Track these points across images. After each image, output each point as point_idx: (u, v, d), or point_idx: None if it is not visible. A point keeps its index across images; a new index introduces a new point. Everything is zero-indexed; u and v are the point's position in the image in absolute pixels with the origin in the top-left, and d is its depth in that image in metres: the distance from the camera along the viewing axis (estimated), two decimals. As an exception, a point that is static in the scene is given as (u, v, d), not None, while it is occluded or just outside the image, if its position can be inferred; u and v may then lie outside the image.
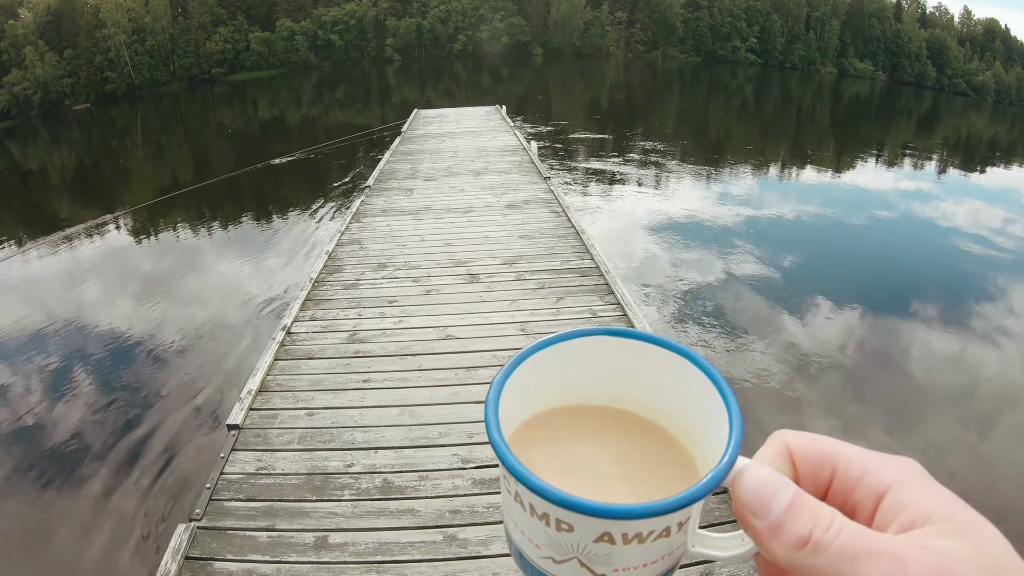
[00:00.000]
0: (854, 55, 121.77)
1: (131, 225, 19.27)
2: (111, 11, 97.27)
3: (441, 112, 28.13)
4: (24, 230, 21.73)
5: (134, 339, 11.18)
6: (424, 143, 19.36)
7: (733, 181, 23.44)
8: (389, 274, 8.86)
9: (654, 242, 15.09)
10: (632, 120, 40.57)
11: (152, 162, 36.46)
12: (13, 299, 13.75)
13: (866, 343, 10.89)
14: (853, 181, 24.96)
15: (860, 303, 12.21)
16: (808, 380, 9.42)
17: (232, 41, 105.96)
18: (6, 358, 10.87)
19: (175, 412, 8.63)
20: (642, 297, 11.73)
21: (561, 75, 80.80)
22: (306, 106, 61.75)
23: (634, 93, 62.91)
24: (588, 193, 19.37)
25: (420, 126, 23.51)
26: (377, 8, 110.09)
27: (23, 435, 8.68)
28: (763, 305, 12.04)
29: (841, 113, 59.90)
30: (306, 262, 13.32)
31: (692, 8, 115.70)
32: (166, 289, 13.55)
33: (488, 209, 11.80)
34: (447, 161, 16.40)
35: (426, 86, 73.77)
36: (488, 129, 21.76)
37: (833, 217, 19.43)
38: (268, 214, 19.02)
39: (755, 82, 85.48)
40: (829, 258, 15.58)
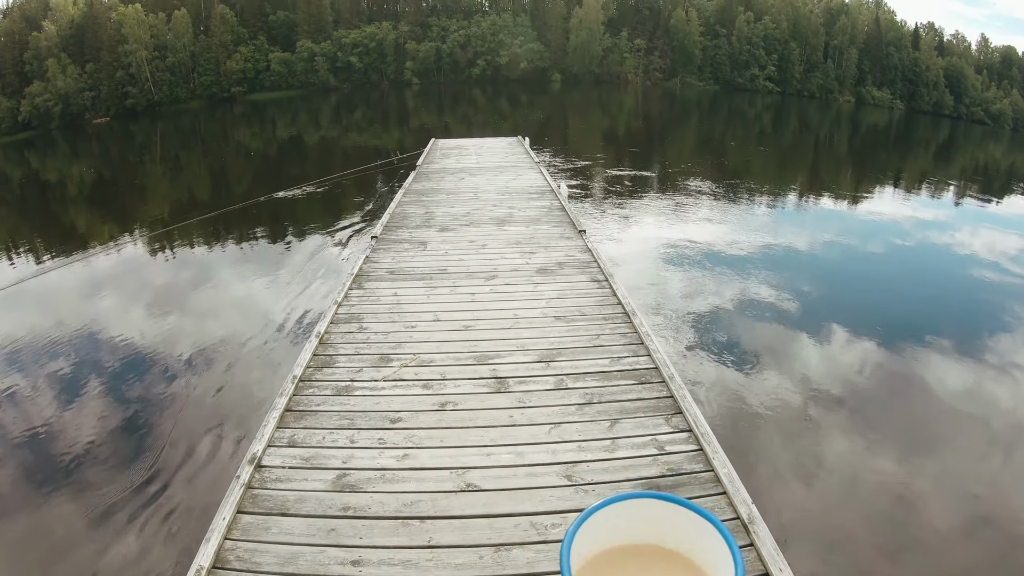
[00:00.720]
0: (872, 83, 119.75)
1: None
2: (133, 27, 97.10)
3: (460, 143, 26.16)
4: (38, 242, 22.01)
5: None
6: (441, 180, 17.40)
7: (778, 215, 22.40)
8: (393, 373, 6.82)
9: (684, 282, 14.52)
10: (655, 150, 38.74)
11: (169, 179, 35.88)
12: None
13: (885, 371, 10.86)
14: (872, 210, 24.81)
15: (885, 331, 12.20)
16: (825, 407, 9.55)
17: (253, 61, 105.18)
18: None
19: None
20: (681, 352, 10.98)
21: (580, 102, 79.24)
22: (325, 127, 60.90)
23: (655, 122, 61.08)
24: (622, 239, 17.42)
25: (437, 159, 21.61)
26: (397, 31, 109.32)
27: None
28: (786, 333, 12.18)
29: (859, 142, 58.25)
30: (292, 347, 11.09)
31: (711, 36, 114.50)
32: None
33: (515, 274, 9.74)
34: (466, 204, 14.41)
35: (444, 110, 72.32)
36: (511, 164, 19.82)
37: (858, 246, 19.35)
38: (257, 265, 16.57)
39: (774, 110, 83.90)
40: (854, 287, 15.59)
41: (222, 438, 8.83)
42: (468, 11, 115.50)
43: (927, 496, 7.72)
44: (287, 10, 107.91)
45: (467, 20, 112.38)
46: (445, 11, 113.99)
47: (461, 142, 26.57)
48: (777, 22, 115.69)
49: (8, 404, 10.08)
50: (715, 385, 9.95)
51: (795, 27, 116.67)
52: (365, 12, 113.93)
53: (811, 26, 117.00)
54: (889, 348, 11.62)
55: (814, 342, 11.75)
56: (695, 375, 10.13)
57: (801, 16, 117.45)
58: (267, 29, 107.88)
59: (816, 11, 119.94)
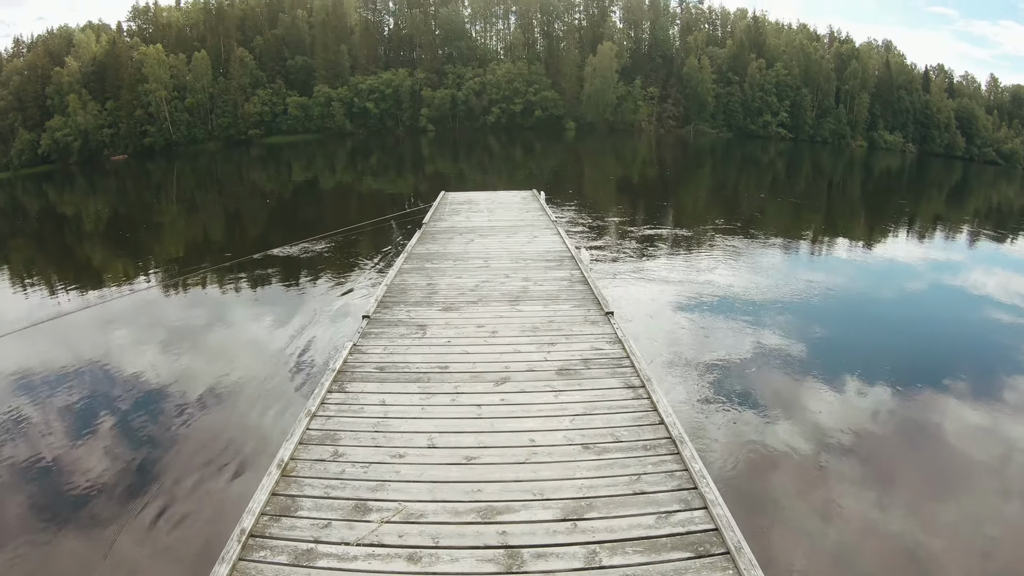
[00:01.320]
0: (884, 128, 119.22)
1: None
2: (154, 67, 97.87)
3: (471, 197, 24.39)
4: (52, 277, 22.02)
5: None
6: (448, 242, 15.61)
7: (805, 265, 21.52)
8: (370, 532, 4.99)
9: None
10: (672, 201, 37.04)
11: (181, 221, 35.31)
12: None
13: (900, 416, 10.64)
14: (885, 254, 24.58)
15: (898, 375, 11.97)
16: (840, 453, 9.32)
17: (270, 104, 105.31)
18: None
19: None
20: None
21: (595, 150, 77.96)
22: (340, 172, 60.28)
23: (670, 170, 59.62)
24: (647, 309, 15.29)
25: (446, 215, 19.88)
26: (413, 78, 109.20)
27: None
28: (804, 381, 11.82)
29: (872, 186, 57.33)
30: (248, 479, 8.48)
31: (723, 83, 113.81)
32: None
33: (532, 376, 7.78)
34: (475, 275, 12.54)
35: (459, 157, 71.43)
36: (526, 223, 18.03)
37: (873, 291, 19.08)
38: (228, 346, 14.10)
39: (787, 157, 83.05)
40: (871, 332, 15.12)
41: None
42: (483, 59, 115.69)
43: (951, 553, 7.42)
44: (305, 55, 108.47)
45: (482, 68, 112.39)
46: (461, 59, 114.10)
47: (472, 195, 24.88)
48: (789, 68, 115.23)
49: (15, 433, 10.35)
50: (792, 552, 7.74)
51: (807, 73, 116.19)
52: (382, 59, 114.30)
53: (822, 71, 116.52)
54: (903, 390, 11.43)
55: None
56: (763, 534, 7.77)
57: (812, 62, 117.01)
58: (285, 73, 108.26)
59: (827, 56, 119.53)
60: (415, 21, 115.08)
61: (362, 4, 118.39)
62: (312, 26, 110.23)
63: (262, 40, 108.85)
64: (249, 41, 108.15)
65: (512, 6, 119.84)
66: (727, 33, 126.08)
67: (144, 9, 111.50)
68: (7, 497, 8.67)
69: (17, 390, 11.99)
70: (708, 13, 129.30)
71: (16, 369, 12.83)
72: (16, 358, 13.26)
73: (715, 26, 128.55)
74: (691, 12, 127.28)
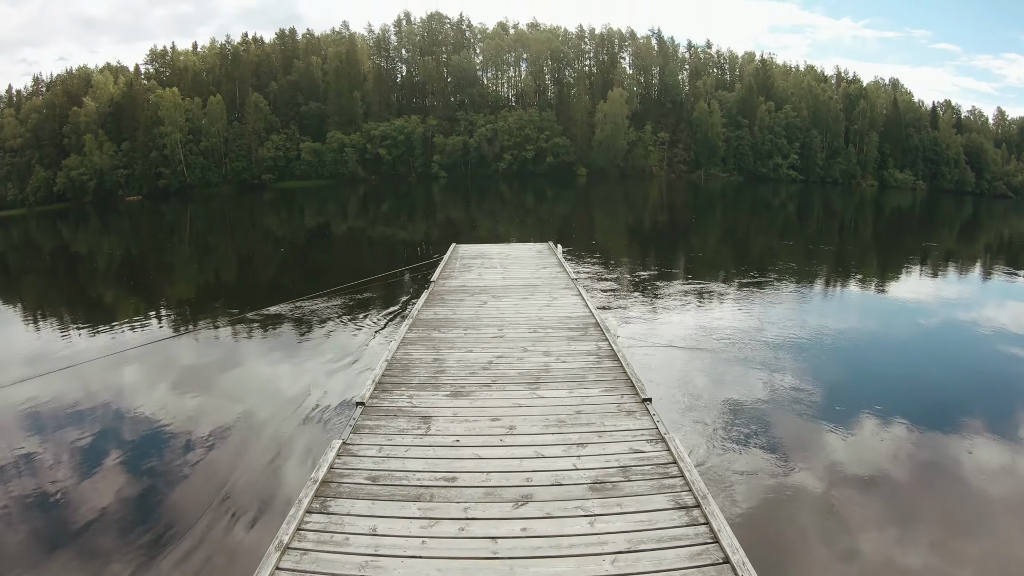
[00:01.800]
0: (894, 166, 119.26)
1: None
2: (170, 110, 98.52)
3: (483, 250, 22.88)
4: (63, 315, 22.27)
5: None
6: (458, 305, 14.09)
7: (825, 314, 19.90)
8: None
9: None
10: (690, 249, 35.45)
11: (191, 268, 34.09)
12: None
13: (918, 456, 10.22)
14: (898, 293, 24.32)
15: (913, 414, 11.54)
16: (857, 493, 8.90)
17: (284, 149, 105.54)
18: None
19: None
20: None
21: (607, 196, 76.97)
22: (352, 217, 59.67)
23: (684, 216, 58.05)
24: (698, 398, 12.80)
25: (456, 271, 18.45)
26: (425, 125, 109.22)
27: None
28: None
29: (884, 226, 56.45)
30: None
31: (733, 127, 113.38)
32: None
33: (560, 494, 6.16)
34: (488, 347, 10.92)
35: (471, 204, 70.44)
36: (543, 282, 16.57)
37: (889, 330, 18.60)
38: (197, 431, 11.38)
39: (798, 199, 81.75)
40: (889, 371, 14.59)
41: None
42: (495, 106, 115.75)
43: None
44: (319, 101, 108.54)
45: (494, 115, 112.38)
46: (473, 106, 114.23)
47: (484, 248, 23.40)
48: (798, 110, 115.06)
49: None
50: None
51: (815, 114, 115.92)
52: (394, 105, 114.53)
53: (831, 112, 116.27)
54: (918, 430, 11.03)
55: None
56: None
57: (821, 103, 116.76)
58: (299, 119, 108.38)
59: (835, 97, 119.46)
60: (427, 68, 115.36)
61: (375, 51, 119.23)
62: (326, 72, 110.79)
63: (276, 85, 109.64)
64: (264, 86, 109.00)
65: (523, 53, 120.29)
66: (735, 77, 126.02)
67: (161, 52, 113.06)
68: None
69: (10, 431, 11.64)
70: (716, 57, 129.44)
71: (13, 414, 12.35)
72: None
73: (723, 70, 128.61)
74: (699, 57, 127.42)
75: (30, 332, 19.89)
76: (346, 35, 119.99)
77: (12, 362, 15.81)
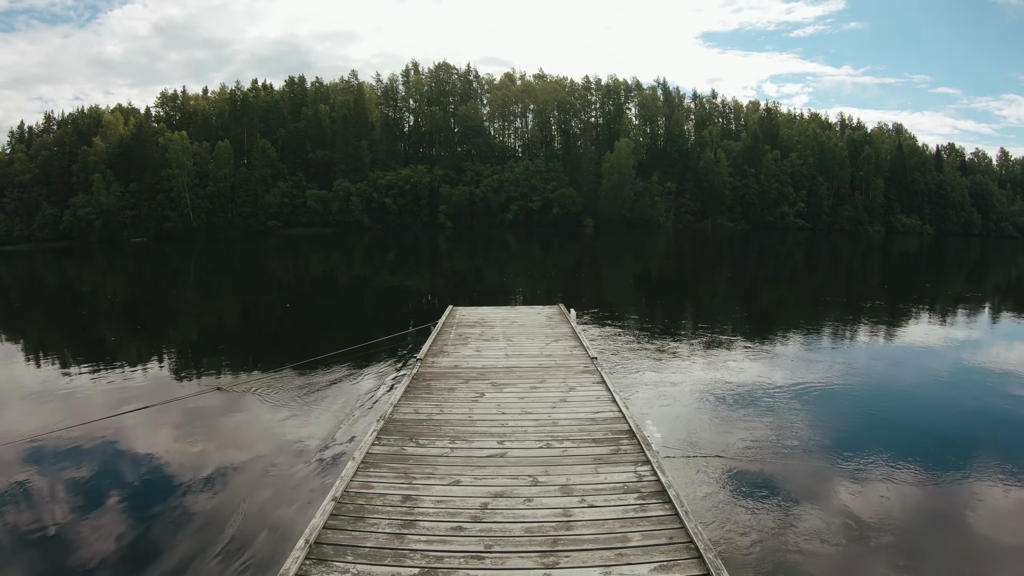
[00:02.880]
0: (900, 211, 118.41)
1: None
2: (178, 153, 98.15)
3: (483, 316, 19.04)
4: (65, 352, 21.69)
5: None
6: (447, 398, 10.43)
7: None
8: None
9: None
10: (710, 306, 31.96)
11: (199, 305, 35.01)
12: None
13: (933, 503, 9.38)
14: (908, 339, 23.05)
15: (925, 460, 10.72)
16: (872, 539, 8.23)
17: (290, 196, 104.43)
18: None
19: None
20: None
21: (614, 247, 73.70)
22: (357, 266, 57.42)
23: (697, 267, 54.59)
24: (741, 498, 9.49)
25: (450, 345, 14.83)
26: (432, 175, 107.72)
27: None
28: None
29: (891, 271, 54.03)
30: None
31: (739, 176, 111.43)
32: None
33: None
34: (481, 478, 7.33)
35: (476, 254, 67.60)
36: (556, 362, 12.89)
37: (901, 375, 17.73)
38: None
39: (812, 247, 79.60)
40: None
41: None
42: (501, 156, 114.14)
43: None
44: (326, 148, 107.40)
45: (500, 165, 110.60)
46: (479, 156, 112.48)
47: (485, 313, 19.64)
48: (803, 158, 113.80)
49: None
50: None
51: (821, 161, 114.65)
52: (401, 154, 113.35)
53: (837, 159, 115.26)
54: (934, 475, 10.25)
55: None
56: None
57: (826, 150, 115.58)
58: (306, 166, 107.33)
59: (840, 144, 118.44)
60: (434, 118, 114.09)
61: (383, 101, 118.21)
62: (334, 120, 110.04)
63: (284, 132, 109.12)
64: (272, 132, 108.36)
65: (530, 104, 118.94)
66: (741, 126, 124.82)
67: (172, 96, 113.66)
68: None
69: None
70: (721, 107, 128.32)
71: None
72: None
73: (729, 119, 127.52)
74: (705, 107, 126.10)
75: (30, 374, 18.58)
76: (355, 84, 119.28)
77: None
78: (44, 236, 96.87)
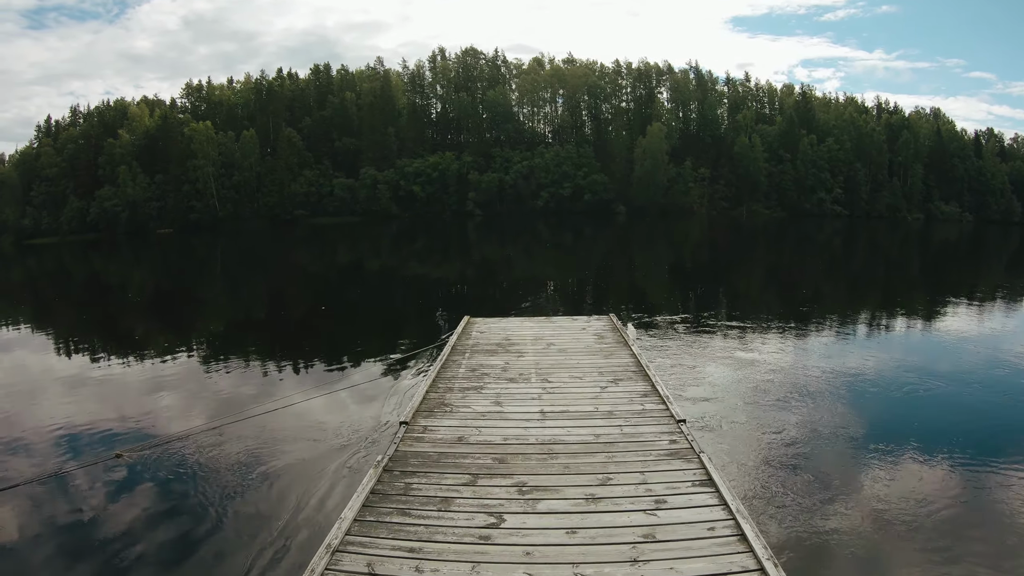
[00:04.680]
0: (939, 198, 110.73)
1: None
2: (203, 143, 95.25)
3: (509, 333, 13.77)
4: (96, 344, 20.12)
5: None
6: (430, 537, 5.46)
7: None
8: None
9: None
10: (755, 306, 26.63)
11: (227, 296, 33.48)
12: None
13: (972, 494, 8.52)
14: (949, 329, 20.66)
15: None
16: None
17: (316, 184, 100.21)
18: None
19: None
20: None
21: (650, 236, 69.03)
22: (385, 255, 53.83)
23: (742, 258, 49.28)
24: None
25: (458, 381, 10.02)
26: (460, 162, 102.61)
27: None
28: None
29: (930, 260, 51.11)
30: None
31: (775, 162, 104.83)
32: None
33: None
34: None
35: (506, 242, 62.88)
36: (623, 431, 7.79)
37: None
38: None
39: (855, 235, 73.81)
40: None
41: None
42: (531, 142, 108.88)
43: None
44: (352, 136, 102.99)
45: (530, 151, 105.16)
46: (508, 142, 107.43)
47: (511, 328, 14.39)
48: (840, 143, 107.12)
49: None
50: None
51: (858, 146, 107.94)
52: (429, 141, 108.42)
53: (874, 144, 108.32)
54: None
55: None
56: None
57: (864, 134, 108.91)
58: (332, 154, 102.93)
59: (878, 128, 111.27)
60: (462, 104, 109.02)
61: (410, 87, 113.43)
62: (360, 108, 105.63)
63: (310, 121, 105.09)
64: (298, 121, 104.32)
65: (559, 89, 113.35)
66: (775, 110, 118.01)
67: (197, 87, 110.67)
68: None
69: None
70: (755, 91, 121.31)
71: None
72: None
73: (763, 103, 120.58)
74: (738, 90, 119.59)
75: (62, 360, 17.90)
76: (381, 71, 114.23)
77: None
78: (71, 229, 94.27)
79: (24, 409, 12.80)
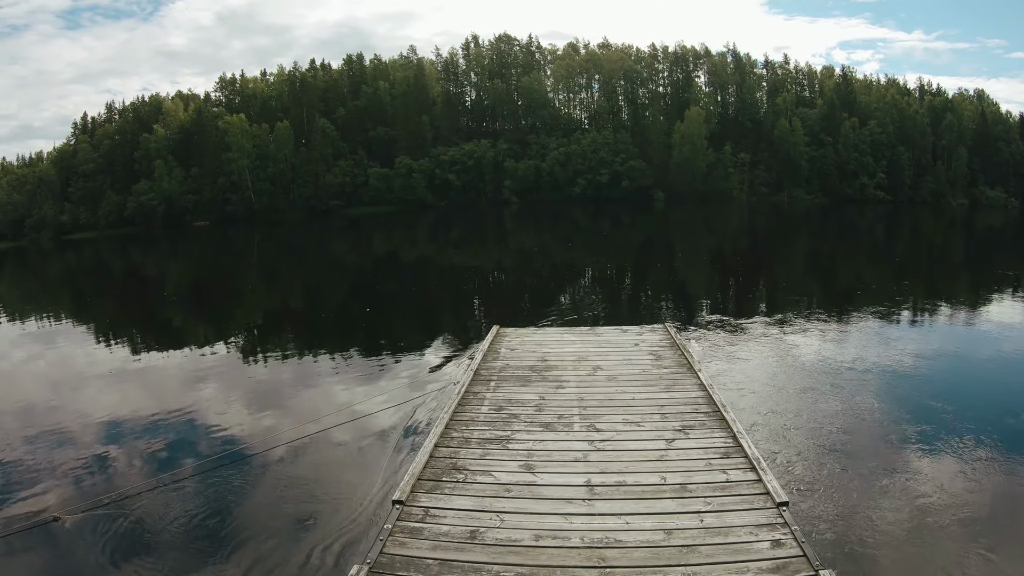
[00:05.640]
0: (984, 183, 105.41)
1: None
2: (238, 136, 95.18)
3: (547, 350, 11.67)
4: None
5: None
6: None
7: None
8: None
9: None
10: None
11: (264, 288, 33.25)
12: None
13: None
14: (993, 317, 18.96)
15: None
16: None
17: (351, 175, 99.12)
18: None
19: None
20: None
21: (692, 224, 66.57)
22: (421, 244, 53.26)
23: (800, 251, 46.77)
24: None
25: (478, 423, 8.05)
26: (496, 149, 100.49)
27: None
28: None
29: (975, 247, 48.25)
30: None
31: (816, 146, 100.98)
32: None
33: None
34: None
35: (543, 231, 61.10)
36: (703, 521, 5.58)
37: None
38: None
39: (886, 221, 69.99)
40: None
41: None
42: (568, 129, 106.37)
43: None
44: (387, 126, 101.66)
45: (567, 138, 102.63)
46: (544, 129, 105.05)
47: (549, 342, 12.27)
48: (883, 126, 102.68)
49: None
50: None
51: (901, 129, 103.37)
52: (464, 129, 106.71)
53: (917, 127, 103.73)
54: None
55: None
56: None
57: (906, 117, 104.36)
58: (367, 144, 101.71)
59: (921, 111, 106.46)
60: (497, 92, 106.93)
61: (444, 76, 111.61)
62: (394, 97, 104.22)
63: (344, 111, 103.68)
64: (331, 112, 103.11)
65: (595, 74, 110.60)
66: (815, 93, 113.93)
67: (231, 80, 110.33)
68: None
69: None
70: (795, 73, 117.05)
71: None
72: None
73: (802, 86, 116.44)
74: (777, 73, 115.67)
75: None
76: (414, 60, 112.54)
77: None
78: (109, 224, 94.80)
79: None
